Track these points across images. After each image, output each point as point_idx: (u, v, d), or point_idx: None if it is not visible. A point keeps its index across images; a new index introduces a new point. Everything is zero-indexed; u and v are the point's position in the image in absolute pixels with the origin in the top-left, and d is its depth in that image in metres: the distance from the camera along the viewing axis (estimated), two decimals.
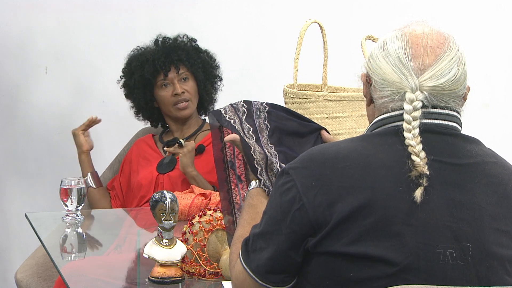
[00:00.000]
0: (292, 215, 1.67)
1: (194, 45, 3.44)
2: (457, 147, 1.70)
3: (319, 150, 1.72)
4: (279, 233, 1.69)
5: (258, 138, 2.06)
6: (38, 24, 4.11)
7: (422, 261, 1.61)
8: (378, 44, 1.75)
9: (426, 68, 1.68)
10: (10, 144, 4.21)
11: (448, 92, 1.69)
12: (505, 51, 3.84)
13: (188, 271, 2.23)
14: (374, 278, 1.62)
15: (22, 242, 4.18)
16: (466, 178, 1.67)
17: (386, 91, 1.71)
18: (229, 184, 2.10)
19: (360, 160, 1.66)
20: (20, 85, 4.18)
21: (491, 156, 1.73)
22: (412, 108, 1.66)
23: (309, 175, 1.68)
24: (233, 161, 2.11)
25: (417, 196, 1.62)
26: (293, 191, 1.68)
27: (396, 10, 3.83)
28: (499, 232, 1.66)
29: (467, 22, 3.83)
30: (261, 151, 2.00)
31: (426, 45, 1.70)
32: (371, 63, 1.75)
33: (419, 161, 1.63)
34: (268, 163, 1.98)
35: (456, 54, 1.71)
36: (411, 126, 1.66)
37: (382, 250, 1.61)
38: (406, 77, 1.68)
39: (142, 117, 3.50)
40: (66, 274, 2.25)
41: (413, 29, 1.73)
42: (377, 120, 1.74)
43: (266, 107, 2.13)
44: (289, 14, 3.89)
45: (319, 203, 1.65)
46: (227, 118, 2.08)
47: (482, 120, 3.75)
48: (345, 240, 1.63)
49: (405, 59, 1.69)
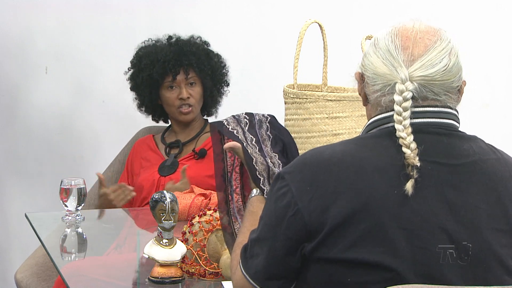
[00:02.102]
0: (287, 220, 1.66)
1: (207, 49, 3.44)
2: (452, 147, 1.68)
3: (314, 153, 1.71)
4: (275, 239, 1.68)
5: (261, 148, 2.06)
6: (38, 24, 4.11)
7: (418, 265, 1.60)
8: (370, 42, 1.76)
9: (416, 58, 1.67)
10: (10, 144, 4.22)
11: (440, 82, 1.68)
12: (505, 51, 3.84)
13: (188, 271, 2.23)
14: (373, 282, 1.61)
15: (22, 242, 4.18)
16: (462, 179, 1.66)
17: (378, 84, 1.70)
18: (227, 186, 2.11)
19: (354, 164, 1.65)
20: (20, 85, 4.18)
21: (491, 153, 1.71)
22: (402, 99, 1.65)
23: (304, 179, 1.66)
24: (231, 173, 2.11)
25: (408, 188, 1.60)
26: (288, 196, 1.67)
27: (396, 10, 3.83)
28: (498, 232, 1.65)
29: (467, 22, 3.83)
30: (263, 161, 2.00)
31: (415, 37, 1.69)
32: (364, 60, 1.75)
33: (410, 153, 1.62)
34: (270, 173, 1.98)
35: (447, 46, 1.70)
36: (401, 117, 1.64)
37: (378, 256, 1.60)
38: (395, 68, 1.67)
39: (144, 111, 3.50)
40: (66, 274, 2.25)
41: (404, 24, 1.73)
42: (372, 121, 1.73)
43: (268, 118, 2.13)
44: (289, 14, 3.89)
45: (314, 207, 1.64)
46: (230, 129, 2.07)
47: (482, 120, 3.75)
48: (341, 246, 1.62)
49: (395, 51, 1.68)
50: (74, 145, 4.19)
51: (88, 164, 4.15)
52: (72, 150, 4.19)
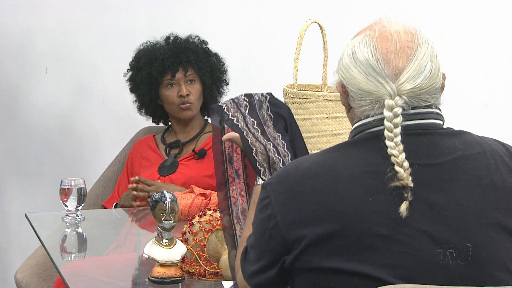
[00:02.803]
0: (269, 232, 1.67)
1: (205, 48, 3.44)
2: (433, 146, 1.65)
3: (294, 165, 1.71)
4: (262, 249, 1.71)
5: (263, 130, 2.05)
6: (38, 24, 4.11)
7: (398, 269, 1.58)
8: (346, 52, 1.71)
9: (401, 71, 1.65)
10: (10, 144, 4.22)
11: (426, 89, 1.66)
12: (505, 51, 3.84)
13: (188, 271, 2.23)
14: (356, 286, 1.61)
15: (22, 242, 4.18)
16: (443, 178, 1.63)
17: (365, 100, 1.67)
18: (227, 186, 2.10)
19: (331, 174, 1.64)
20: (20, 85, 4.18)
21: (475, 147, 1.68)
22: (392, 115, 1.62)
23: (283, 192, 1.66)
24: (231, 155, 2.10)
25: (403, 211, 1.58)
26: (269, 208, 1.67)
27: (396, 10, 3.83)
28: (487, 226, 1.62)
29: (467, 22, 3.83)
30: (263, 151, 1.99)
31: (396, 48, 1.66)
32: (343, 72, 1.71)
33: (403, 173, 1.59)
34: (271, 162, 1.98)
35: (427, 49, 1.68)
36: (392, 134, 1.62)
37: (356, 264, 1.59)
38: (382, 85, 1.65)
39: (144, 113, 3.50)
40: (66, 274, 2.25)
41: (379, 31, 1.69)
42: (355, 126, 1.71)
43: (268, 97, 2.12)
44: (289, 14, 3.89)
45: (292, 220, 1.64)
46: (230, 116, 2.06)
47: (482, 120, 3.74)
48: (320, 256, 1.61)
49: (378, 66, 1.65)
50: (74, 145, 4.18)
51: (88, 164, 4.15)
52: (72, 150, 4.19)
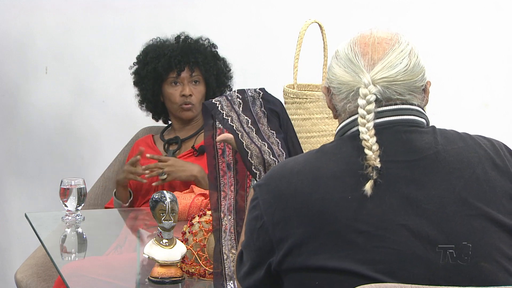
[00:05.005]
0: (257, 233, 1.70)
1: (214, 51, 3.44)
2: (412, 142, 1.68)
3: (280, 166, 1.75)
4: (251, 249, 1.73)
5: (258, 129, 2.05)
6: (38, 24, 4.11)
7: (380, 264, 1.60)
8: (332, 56, 1.79)
9: (376, 62, 1.70)
10: (10, 144, 4.22)
11: (402, 82, 1.70)
12: (505, 51, 3.84)
13: (188, 271, 2.23)
14: (341, 285, 1.62)
15: (22, 242, 4.18)
16: (423, 172, 1.66)
17: (343, 93, 1.72)
18: (218, 180, 2.10)
19: (312, 173, 1.67)
20: (20, 85, 4.18)
21: (458, 142, 1.71)
22: (365, 102, 1.67)
23: (269, 192, 1.70)
24: (223, 149, 2.10)
25: (367, 189, 1.62)
26: (257, 209, 1.70)
27: (396, 10, 3.83)
28: (470, 217, 1.64)
29: (467, 22, 3.83)
30: (258, 154, 1.99)
31: (373, 42, 1.72)
32: (328, 74, 1.77)
33: (371, 154, 1.63)
34: (266, 165, 1.98)
35: (406, 48, 1.72)
36: (365, 120, 1.66)
37: (339, 261, 1.61)
38: (357, 74, 1.70)
39: (145, 108, 3.50)
40: (66, 274, 2.25)
41: (362, 33, 1.76)
42: (339, 128, 1.75)
43: (261, 93, 2.12)
44: (289, 14, 3.90)
45: (277, 220, 1.67)
46: (224, 115, 2.06)
47: (482, 120, 3.75)
48: (305, 256, 1.64)
49: (355, 58, 1.71)
50: (74, 145, 4.18)
51: (88, 164, 4.15)
52: (72, 150, 4.19)
